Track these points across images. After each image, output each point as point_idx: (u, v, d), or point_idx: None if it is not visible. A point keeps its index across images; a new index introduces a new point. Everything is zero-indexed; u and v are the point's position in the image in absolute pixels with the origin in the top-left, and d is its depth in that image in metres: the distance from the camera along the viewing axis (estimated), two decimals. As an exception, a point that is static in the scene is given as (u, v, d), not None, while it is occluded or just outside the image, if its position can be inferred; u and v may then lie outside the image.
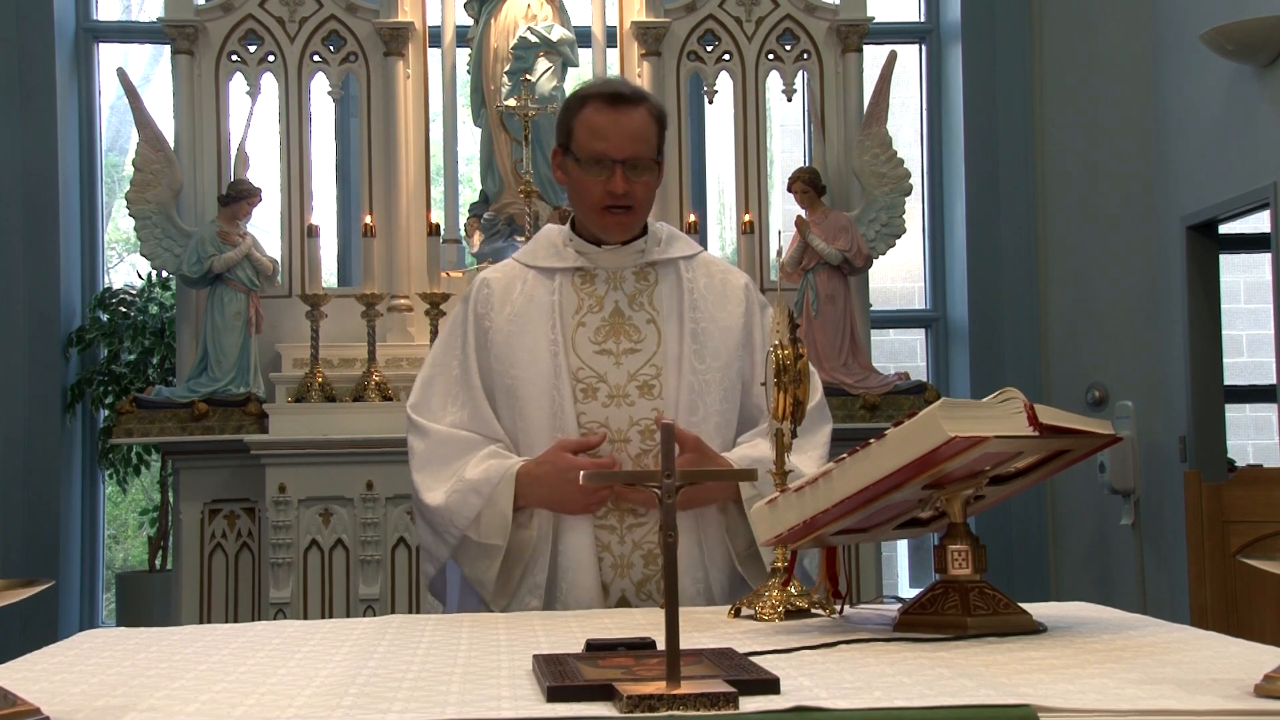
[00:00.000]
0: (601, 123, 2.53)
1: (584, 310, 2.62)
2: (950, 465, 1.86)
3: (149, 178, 5.63)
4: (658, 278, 2.65)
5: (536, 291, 2.63)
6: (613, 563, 2.51)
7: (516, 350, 2.59)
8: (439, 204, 6.08)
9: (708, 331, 2.61)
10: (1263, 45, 5.33)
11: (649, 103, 2.59)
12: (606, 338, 2.59)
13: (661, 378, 2.57)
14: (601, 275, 2.64)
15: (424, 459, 2.57)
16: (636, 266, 2.65)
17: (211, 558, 5.43)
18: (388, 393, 5.37)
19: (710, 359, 2.58)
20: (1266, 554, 1.46)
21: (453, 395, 2.62)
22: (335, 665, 1.68)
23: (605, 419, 2.54)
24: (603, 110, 2.54)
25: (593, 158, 2.53)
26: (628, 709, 1.31)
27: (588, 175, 2.55)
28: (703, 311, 2.62)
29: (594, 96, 2.57)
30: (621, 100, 2.54)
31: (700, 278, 2.67)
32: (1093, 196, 6.78)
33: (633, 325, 2.61)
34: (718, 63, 6.03)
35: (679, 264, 2.67)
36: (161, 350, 6.41)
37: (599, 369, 2.57)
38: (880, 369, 5.85)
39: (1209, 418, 6.01)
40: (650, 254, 2.65)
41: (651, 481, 1.49)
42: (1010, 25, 6.90)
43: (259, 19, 5.83)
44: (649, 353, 2.59)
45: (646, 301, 2.63)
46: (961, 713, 1.33)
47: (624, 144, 2.52)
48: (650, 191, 2.59)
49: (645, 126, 2.55)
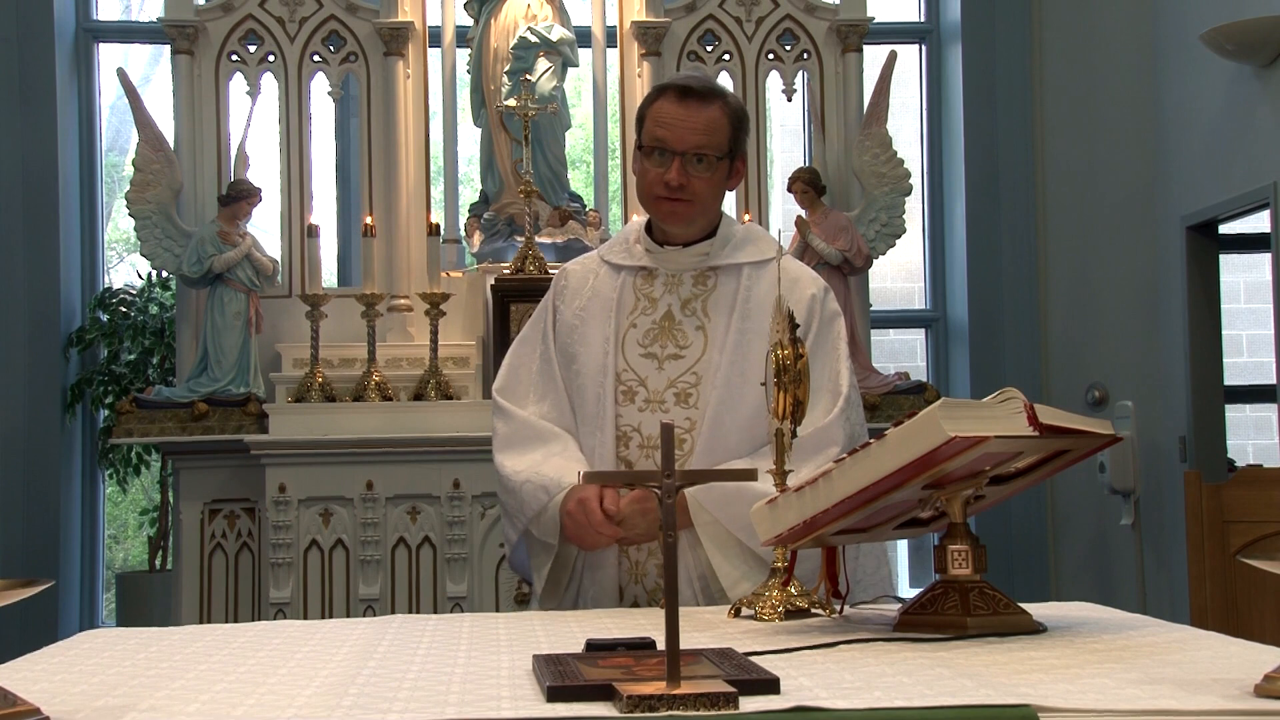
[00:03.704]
0: (667, 114, 2.49)
1: (638, 310, 2.59)
2: (950, 465, 1.86)
3: (149, 178, 5.63)
4: (717, 283, 2.58)
5: (603, 287, 2.62)
6: (629, 568, 2.52)
7: (576, 344, 2.59)
8: (439, 204, 6.08)
9: (752, 342, 2.49)
10: (1263, 45, 5.33)
11: (724, 100, 2.53)
12: (654, 341, 2.56)
13: (700, 387, 2.51)
14: (661, 276, 2.60)
15: (506, 440, 2.59)
16: (697, 270, 2.58)
17: (211, 558, 5.43)
18: (388, 393, 5.37)
19: (750, 373, 2.45)
20: (1266, 554, 1.46)
21: (535, 385, 2.63)
22: (335, 665, 1.68)
23: (639, 424, 2.53)
24: (673, 102, 2.50)
25: (654, 146, 2.49)
26: (628, 709, 1.31)
27: (648, 163, 2.51)
28: (753, 321, 2.51)
29: (668, 88, 2.53)
30: (691, 94, 2.50)
31: (763, 285, 2.53)
32: (1093, 196, 6.78)
33: (681, 330, 2.56)
34: (718, 63, 6.03)
35: (743, 269, 2.57)
36: (161, 350, 6.41)
37: (641, 373, 2.55)
38: (880, 369, 5.85)
39: (1209, 418, 6.01)
40: (713, 258, 2.58)
41: (651, 481, 1.50)
42: (1010, 25, 6.90)
43: (259, 19, 5.83)
44: (692, 360, 2.54)
45: (700, 307, 2.57)
46: (961, 713, 1.33)
47: (686, 135, 2.47)
48: (712, 187, 2.52)
49: (714, 121, 2.49)
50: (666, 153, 2.48)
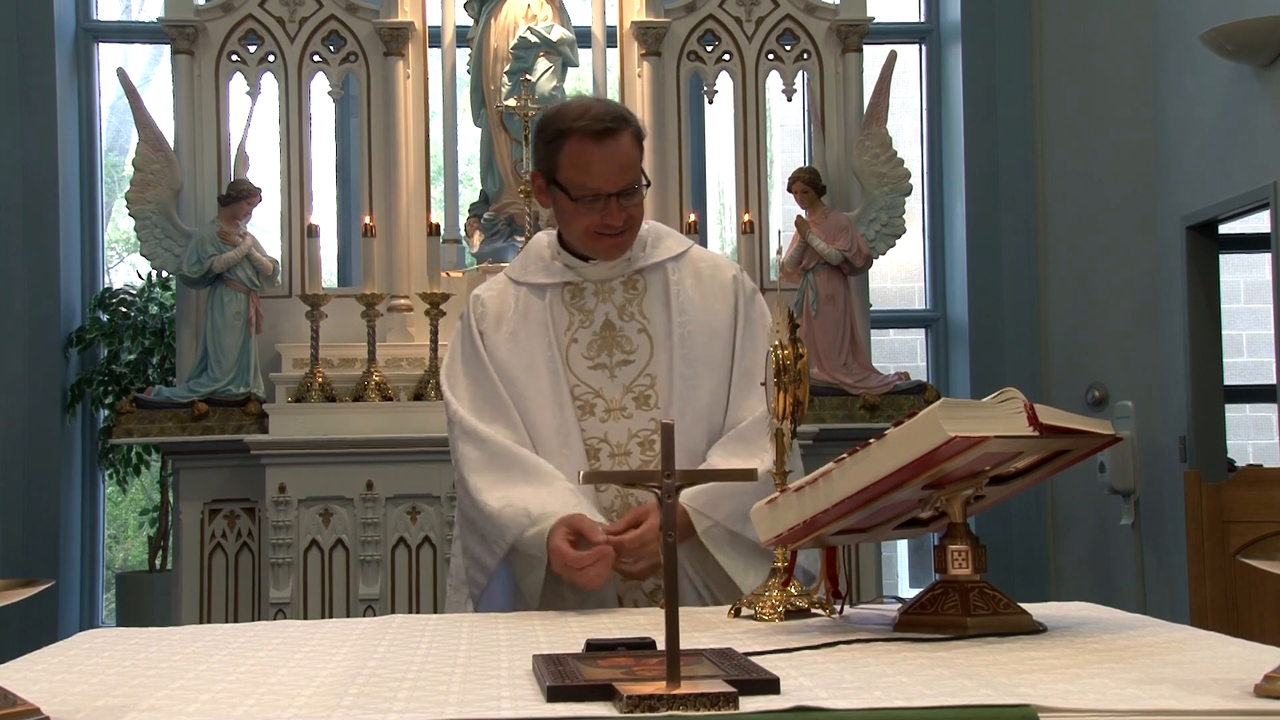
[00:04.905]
0: (590, 159, 2.45)
1: (575, 326, 2.59)
2: (950, 465, 1.86)
3: (149, 178, 5.63)
4: (646, 285, 2.62)
5: (530, 309, 2.60)
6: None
7: (516, 369, 2.56)
8: (439, 204, 6.08)
9: (694, 335, 2.57)
10: (1263, 45, 5.33)
11: (630, 125, 2.50)
12: (599, 352, 2.57)
13: (656, 388, 2.55)
14: (590, 288, 2.61)
15: (479, 465, 2.50)
16: (624, 276, 2.61)
17: (211, 558, 5.43)
18: (388, 393, 5.38)
19: (698, 363, 2.55)
20: (1266, 554, 1.46)
21: (487, 408, 2.55)
22: (335, 665, 1.68)
23: (605, 434, 2.53)
24: (589, 145, 2.45)
25: (586, 195, 2.47)
26: (628, 709, 1.31)
27: (580, 208, 2.49)
28: (689, 315, 2.58)
29: (577, 131, 2.46)
30: (605, 133, 2.46)
31: (687, 277, 2.62)
32: (1093, 196, 6.78)
33: (624, 336, 2.58)
34: (718, 63, 6.03)
35: (666, 267, 2.62)
36: (161, 350, 6.41)
37: (594, 384, 2.56)
38: (880, 369, 5.85)
39: (1209, 418, 6.01)
40: (637, 261, 2.61)
41: (651, 482, 1.50)
42: (1010, 25, 6.90)
43: (259, 19, 5.83)
44: (642, 363, 2.57)
45: (637, 311, 2.60)
46: (961, 713, 1.33)
47: (615, 177, 2.46)
48: (642, 210, 2.56)
49: (631, 152, 2.48)
50: (600, 196, 2.47)
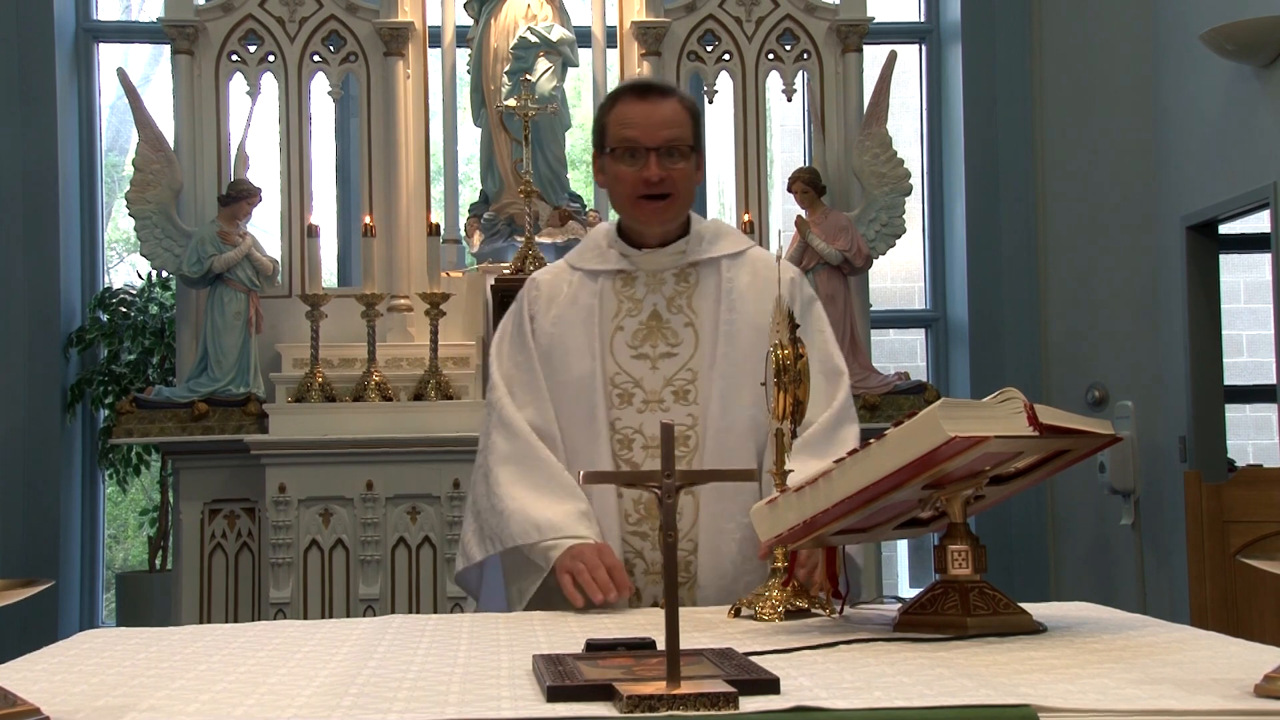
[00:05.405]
0: (631, 113, 2.53)
1: (622, 314, 2.59)
2: (950, 465, 1.86)
3: (149, 178, 5.63)
4: (698, 279, 2.60)
5: (580, 294, 2.61)
6: (645, 569, 2.50)
7: (558, 354, 2.57)
8: (439, 204, 6.08)
9: (741, 332, 2.54)
10: (1263, 45, 5.33)
11: (679, 95, 2.58)
12: (643, 341, 2.57)
13: (696, 383, 2.53)
14: (641, 278, 2.61)
15: (505, 457, 2.51)
16: (677, 268, 2.61)
17: (211, 558, 5.43)
18: (388, 393, 5.37)
19: (743, 361, 2.50)
20: (1266, 554, 1.46)
21: (520, 390, 2.57)
22: (335, 665, 1.68)
23: (640, 425, 2.52)
24: (632, 103, 2.54)
25: (625, 147, 2.51)
26: (628, 709, 1.31)
27: (621, 165, 2.53)
28: (739, 312, 2.56)
29: (624, 92, 2.59)
30: (650, 91, 2.56)
31: (743, 276, 2.60)
32: (1093, 196, 6.78)
33: (670, 328, 2.57)
34: (718, 63, 6.03)
35: (721, 263, 2.61)
36: (161, 350, 6.41)
37: (635, 374, 2.55)
38: (880, 369, 5.85)
39: (1209, 418, 6.01)
40: (691, 254, 2.61)
41: (652, 481, 1.49)
42: (1010, 25, 6.90)
43: (259, 19, 5.83)
44: (685, 357, 2.56)
45: (685, 304, 2.59)
46: (961, 713, 1.33)
47: (655, 131, 2.50)
48: (688, 180, 2.56)
49: (677, 114, 2.53)
50: (639, 151, 2.50)
